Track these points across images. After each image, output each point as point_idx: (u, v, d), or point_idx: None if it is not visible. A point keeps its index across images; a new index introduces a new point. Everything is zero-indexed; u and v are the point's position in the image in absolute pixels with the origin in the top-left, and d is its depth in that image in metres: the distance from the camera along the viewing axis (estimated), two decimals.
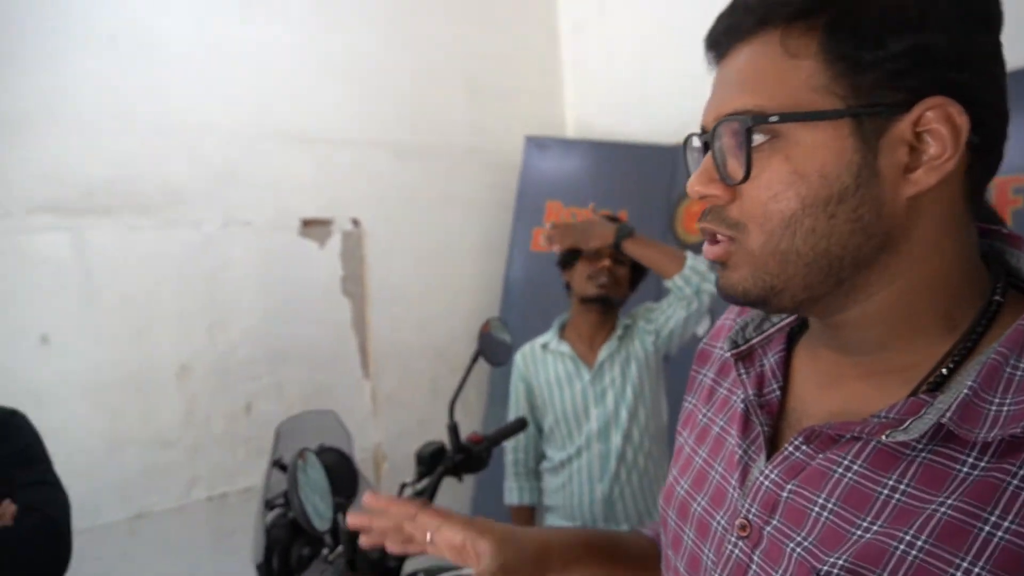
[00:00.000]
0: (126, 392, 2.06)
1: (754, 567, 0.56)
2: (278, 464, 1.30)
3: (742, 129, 0.51)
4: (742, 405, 0.62)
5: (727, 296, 0.57)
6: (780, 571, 0.54)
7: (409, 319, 2.71)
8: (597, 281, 1.90)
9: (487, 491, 2.74)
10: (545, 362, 2.02)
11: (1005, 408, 0.47)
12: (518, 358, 2.07)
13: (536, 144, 2.95)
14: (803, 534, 0.53)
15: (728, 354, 0.66)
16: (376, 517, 0.84)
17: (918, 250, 0.52)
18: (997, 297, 0.53)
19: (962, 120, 0.48)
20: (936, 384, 0.52)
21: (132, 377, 2.07)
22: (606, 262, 1.89)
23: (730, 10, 0.55)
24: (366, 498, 0.84)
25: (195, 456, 2.18)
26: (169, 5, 2.15)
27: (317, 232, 2.47)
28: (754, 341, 0.66)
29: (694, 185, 0.55)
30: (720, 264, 0.57)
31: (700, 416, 0.71)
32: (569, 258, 1.95)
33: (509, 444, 2.06)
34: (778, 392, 0.62)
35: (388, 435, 2.64)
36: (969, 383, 0.48)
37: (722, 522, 0.61)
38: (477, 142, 2.93)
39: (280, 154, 2.39)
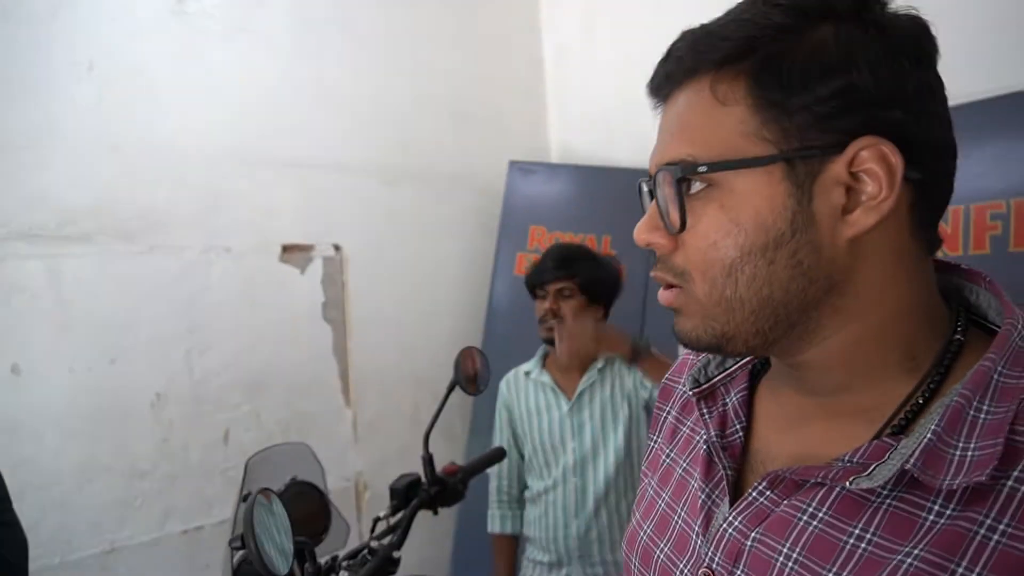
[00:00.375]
0: (100, 421, 2.02)
1: None
2: (245, 500, 1.27)
3: (675, 179, 0.52)
4: (705, 447, 0.61)
5: (683, 343, 0.57)
6: None
7: (391, 345, 2.68)
8: (544, 325, 1.89)
9: (470, 522, 2.70)
10: (527, 390, 2.00)
11: (969, 453, 0.46)
12: (502, 385, 2.06)
13: (520, 169, 2.95)
14: None
15: (690, 393, 0.65)
16: None
17: (868, 291, 0.52)
18: (958, 336, 0.53)
19: (896, 158, 0.48)
20: (900, 427, 0.51)
21: (106, 406, 2.03)
22: (547, 303, 1.89)
23: (666, 57, 0.55)
24: None
25: (171, 487, 2.14)
26: (148, 32, 2.14)
27: (298, 258, 2.45)
28: (716, 379, 0.65)
29: (639, 233, 0.56)
30: (674, 311, 0.57)
31: (664, 456, 0.70)
32: (532, 291, 1.96)
33: (493, 471, 2.04)
34: (741, 434, 0.61)
35: (370, 463, 2.60)
36: (932, 427, 0.47)
37: (685, 570, 0.59)
38: (460, 167, 2.93)
39: (262, 180, 2.37)
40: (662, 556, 0.63)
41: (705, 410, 0.63)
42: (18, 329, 1.92)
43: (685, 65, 0.53)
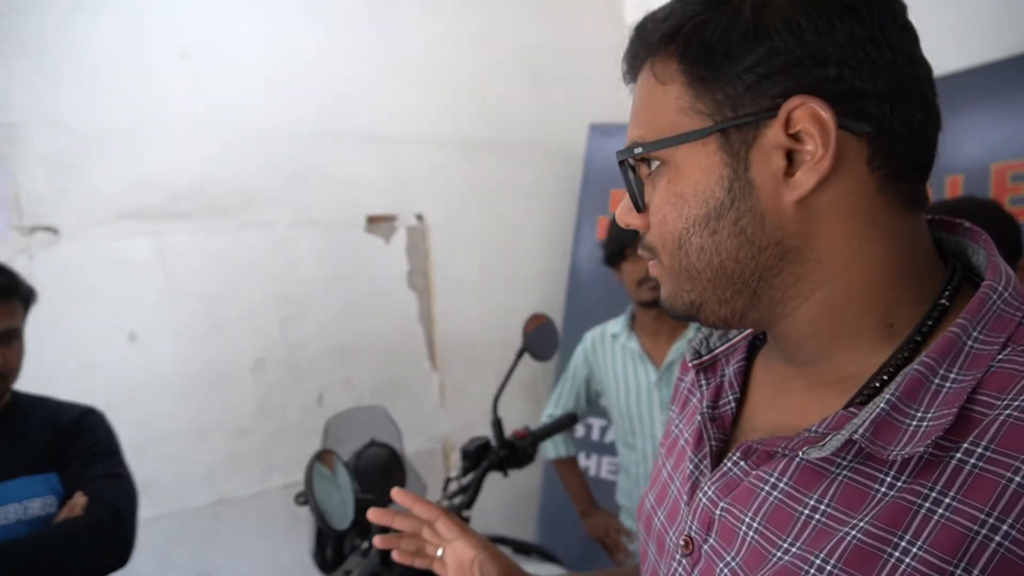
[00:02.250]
0: (206, 385, 2.20)
1: None
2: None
3: (626, 160, 0.55)
4: (698, 417, 0.62)
5: (667, 311, 0.58)
6: None
7: (474, 311, 2.75)
8: (648, 285, 1.78)
9: (556, 482, 2.76)
10: (613, 352, 1.94)
11: (924, 424, 0.45)
12: (587, 339, 2.03)
13: (600, 131, 2.90)
14: (732, 553, 0.53)
15: (691, 364, 0.66)
16: (399, 516, 0.86)
17: (831, 255, 0.50)
18: (943, 301, 0.50)
19: (827, 114, 0.47)
20: (868, 397, 0.50)
21: (211, 371, 2.21)
22: (640, 264, 1.77)
23: (626, 47, 0.57)
24: (394, 492, 0.87)
25: (271, 445, 2.30)
26: (234, 18, 2.25)
27: (382, 228, 2.54)
28: (718, 351, 0.65)
29: (618, 215, 0.58)
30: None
31: (673, 427, 0.71)
32: (614, 257, 1.86)
33: (549, 401, 2.11)
34: (733, 405, 0.61)
35: (456, 426, 2.69)
36: (888, 396, 0.46)
37: (673, 538, 0.61)
38: (541, 132, 2.92)
39: (345, 154, 2.46)
40: (658, 524, 0.64)
41: (703, 381, 0.64)
42: (133, 301, 2.10)
43: (635, 51, 0.55)
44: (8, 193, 1.95)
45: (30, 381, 1.47)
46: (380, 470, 1.42)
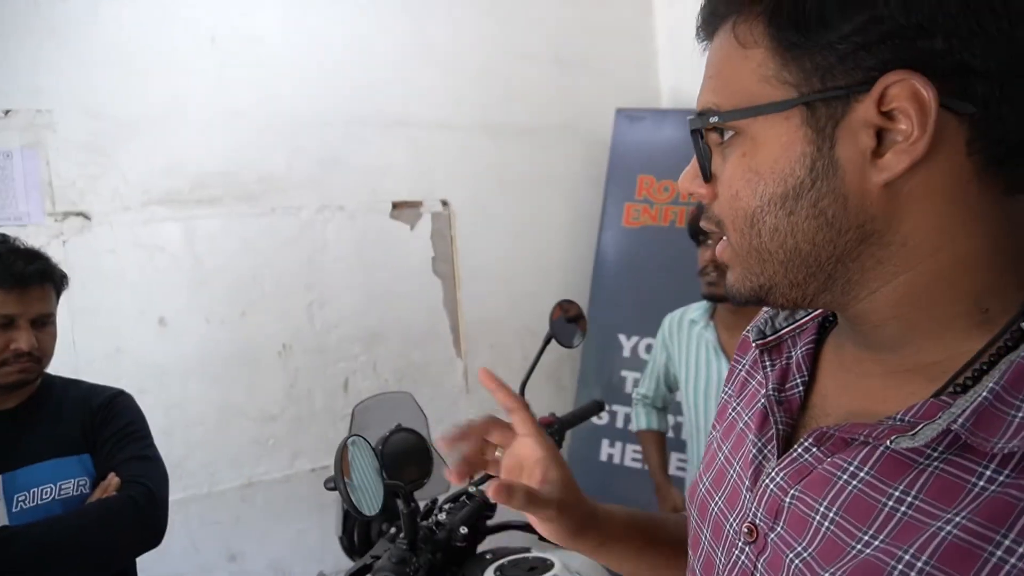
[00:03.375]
0: (234, 369, 2.22)
1: (757, 574, 0.54)
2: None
3: (700, 129, 0.51)
4: (763, 401, 0.59)
5: (731, 298, 0.55)
6: None
7: (500, 298, 2.74)
8: (707, 279, 1.73)
9: (579, 464, 2.75)
10: (689, 338, 1.88)
11: None
12: (664, 323, 1.99)
13: (627, 116, 2.87)
14: (803, 544, 0.50)
15: (753, 343, 0.63)
16: (466, 431, 0.76)
17: (917, 240, 0.47)
18: None
19: (929, 92, 0.43)
20: (964, 386, 0.46)
21: (239, 355, 2.23)
22: (708, 253, 1.71)
23: (703, 3, 0.53)
24: (481, 374, 0.76)
25: (298, 430, 2.32)
26: (263, 4, 2.25)
27: (407, 214, 2.54)
28: (783, 331, 0.62)
29: (681, 182, 0.55)
30: (726, 265, 0.55)
31: (730, 409, 0.68)
32: (693, 236, 1.77)
33: (641, 383, 2.09)
34: (801, 388, 0.58)
35: (481, 412, 2.67)
36: (991, 384, 0.43)
37: (734, 525, 0.58)
38: (567, 118, 2.89)
39: (372, 139, 2.46)
40: (716, 510, 0.62)
41: (768, 362, 0.61)
42: (163, 285, 2.13)
43: (713, 6, 0.51)
44: (41, 179, 1.97)
45: (62, 365, 1.49)
46: (406, 455, 1.42)
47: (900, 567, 0.43)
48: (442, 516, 1.35)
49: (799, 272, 0.50)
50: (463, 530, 1.28)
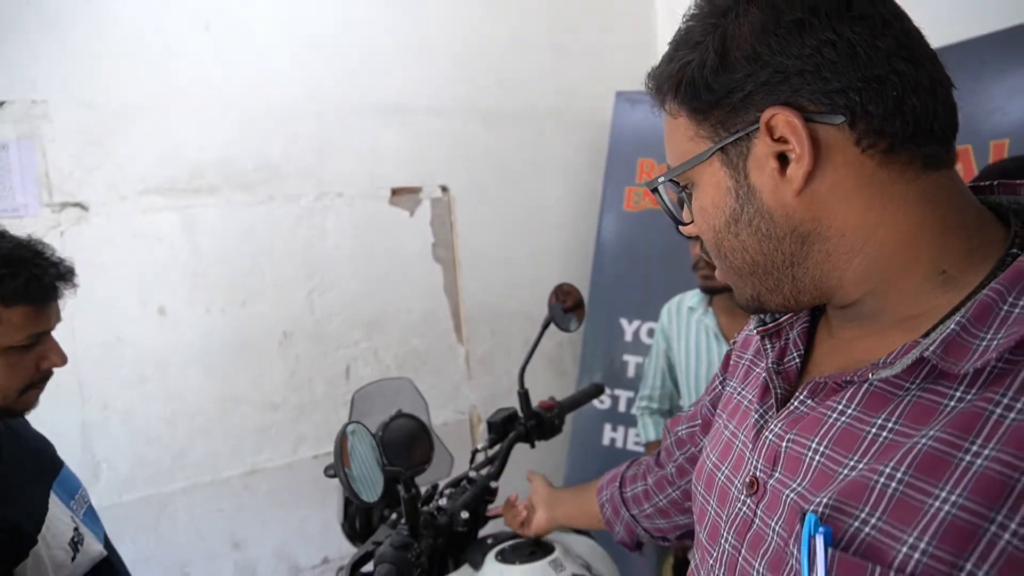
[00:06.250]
0: (235, 358, 2.22)
1: (757, 520, 0.60)
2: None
3: (661, 187, 0.65)
4: (764, 374, 0.67)
5: (741, 309, 0.66)
6: (776, 519, 0.57)
7: (500, 284, 2.73)
8: (701, 272, 1.74)
9: (580, 449, 2.76)
10: (689, 325, 1.88)
11: (995, 342, 0.48)
12: (663, 311, 1.98)
13: (627, 99, 2.85)
14: (798, 480, 0.56)
15: (755, 331, 0.70)
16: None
17: (852, 229, 0.55)
18: (1015, 250, 0.54)
19: (795, 118, 0.53)
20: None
21: (239, 344, 2.22)
22: (697, 248, 1.72)
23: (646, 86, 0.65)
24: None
25: (300, 417, 2.33)
26: None
27: (406, 200, 2.53)
28: (783, 319, 0.69)
29: (686, 231, 0.67)
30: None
31: (735, 395, 0.74)
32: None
33: (641, 382, 2.04)
34: (798, 360, 0.66)
35: (483, 398, 2.70)
36: (957, 318, 0.50)
37: (737, 484, 0.64)
38: (565, 102, 2.87)
39: (370, 126, 2.44)
40: (722, 477, 0.68)
41: (768, 345, 0.68)
42: (162, 275, 2.12)
43: (653, 91, 0.63)
44: (38, 170, 1.96)
45: None
46: (407, 441, 1.42)
47: (882, 480, 0.49)
48: (443, 501, 1.35)
49: (767, 280, 0.60)
50: (464, 515, 1.28)
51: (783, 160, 0.55)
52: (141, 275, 2.09)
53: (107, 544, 1.29)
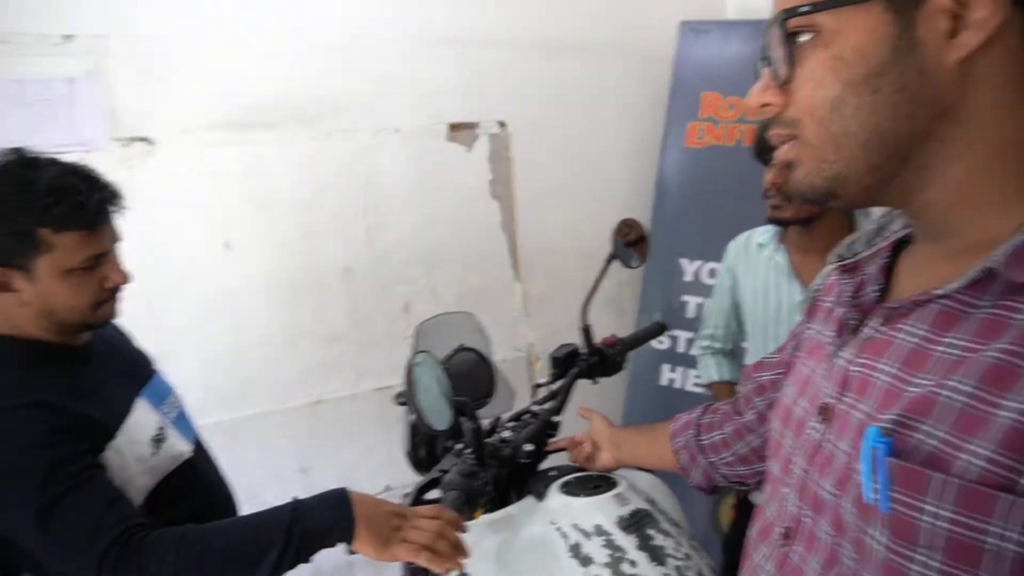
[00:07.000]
0: (299, 292, 2.27)
1: (825, 443, 0.60)
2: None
3: (781, 26, 0.54)
4: (841, 309, 0.65)
5: (798, 197, 0.59)
6: (844, 440, 0.57)
7: (558, 221, 2.70)
8: (770, 201, 1.63)
9: (640, 388, 2.76)
10: (758, 262, 1.78)
11: None
12: (729, 247, 1.89)
13: (692, 29, 2.72)
14: (867, 402, 0.56)
15: (832, 265, 0.68)
16: None
17: (979, 119, 0.51)
18: None
19: None
20: None
21: (302, 278, 2.26)
22: (770, 174, 1.62)
23: None
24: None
25: (361, 351, 2.37)
26: None
27: (464, 136, 2.50)
28: (862, 255, 0.67)
29: (751, 96, 0.58)
30: (789, 168, 0.58)
31: (816, 335, 0.72)
32: (759, 156, 1.65)
33: (704, 326, 1.98)
34: (877, 293, 0.64)
35: (540, 335, 2.70)
36: None
37: (812, 413, 0.64)
38: (627, 33, 2.76)
39: (425, 61, 2.40)
40: (798, 411, 0.67)
41: (846, 280, 0.66)
42: (226, 210, 2.16)
43: None
44: (104, 105, 1.99)
45: (132, 290, 1.52)
46: (469, 375, 1.43)
47: (946, 392, 0.48)
48: (506, 434, 1.37)
49: (878, 154, 0.53)
50: (528, 447, 1.29)
51: (953, 22, 0.50)
52: (207, 209, 2.13)
53: (200, 448, 1.40)
